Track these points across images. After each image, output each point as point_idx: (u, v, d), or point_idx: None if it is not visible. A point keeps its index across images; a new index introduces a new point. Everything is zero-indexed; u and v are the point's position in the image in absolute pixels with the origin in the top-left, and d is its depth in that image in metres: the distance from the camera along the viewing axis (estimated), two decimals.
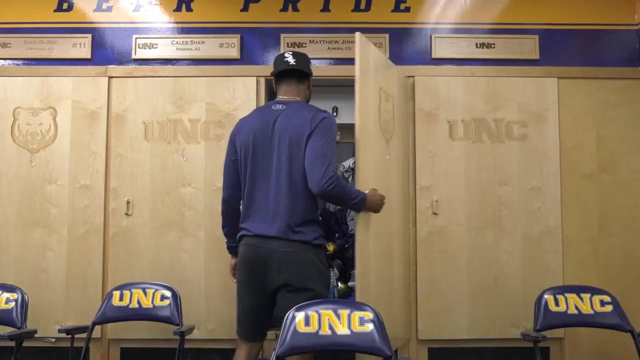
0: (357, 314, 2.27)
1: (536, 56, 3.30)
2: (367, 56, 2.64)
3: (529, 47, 3.31)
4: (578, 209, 3.17)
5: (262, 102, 3.20)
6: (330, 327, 2.25)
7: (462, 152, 3.17)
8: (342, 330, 2.24)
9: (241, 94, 3.19)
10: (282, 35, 3.30)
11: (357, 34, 2.54)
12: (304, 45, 3.29)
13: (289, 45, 3.29)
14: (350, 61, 3.25)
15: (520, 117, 3.19)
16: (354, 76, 2.51)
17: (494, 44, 3.32)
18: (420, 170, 3.15)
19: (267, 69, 3.24)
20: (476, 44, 3.32)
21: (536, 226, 3.14)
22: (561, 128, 3.20)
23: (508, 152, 3.18)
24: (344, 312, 2.28)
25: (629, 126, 3.24)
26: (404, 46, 3.32)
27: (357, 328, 2.25)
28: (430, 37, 3.32)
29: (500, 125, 3.19)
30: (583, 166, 3.21)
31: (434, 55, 3.30)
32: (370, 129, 2.61)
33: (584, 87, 3.24)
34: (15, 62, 3.32)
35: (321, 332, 2.25)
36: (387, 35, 3.31)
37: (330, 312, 2.28)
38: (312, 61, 3.26)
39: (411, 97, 3.20)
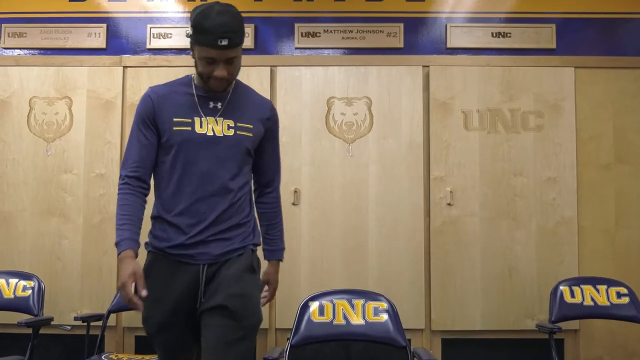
0: (372, 304, 2.29)
1: (553, 45, 3.26)
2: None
3: (546, 36, 3.27)
4: (594, 200, 3.14)
5: (277, 92, 3.19)
6: (345, 317, 2.26)
7: (477, 142, 3.14)
8: (357, 320, 2.26)
9: (255, 83, 3.16)
10: (297, 25, 3.29)
11: None
12: (318, 34, 3.27)
13: (303, 35, 3.28)
14: (365, 51, 3.27)
15: (536, 107, 3.16)
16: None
17: (509, 33, 3.28)
18: (434, 161, 3.13)
19: (281, 58, 3.26)
20: (492, 33, 3.28)
21: (551, 217, 3.11)
22: (578, 118, 3.16)
23: (523, 142, 3.14)
24: (359, 302, 2.29)
25: None
26: (419, 35, 3.29)
27: (372, 318, 2.26)
28: (445, 26, 3.28)
29: (516, 116, 3.16)
30: (600, 157, 3.17)
31: (449, 45, 3.27)
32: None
33: (602, 77, 3.20)
34: (31, 51, 3.34)
35: (335, 322, 2.26)
36: (401, 25, 3.28)
37: (345, 302, 2.29)
38: (325, 51, 3.29)
39: (425, 87, 3.18)
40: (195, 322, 1.74)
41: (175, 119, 1.79)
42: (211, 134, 1.79)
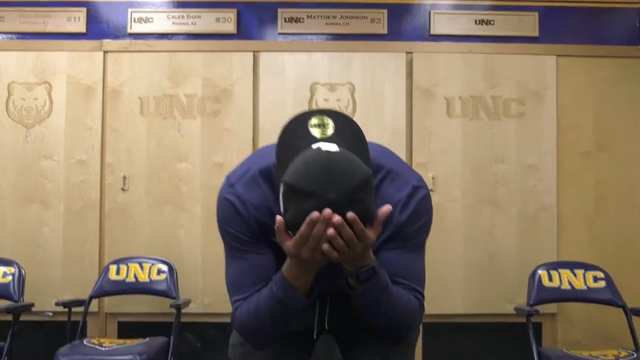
0: None
1: (536, 33, 3.27)
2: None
3: (529, 24, 3.28)
4: (574, 187, 3.18)
5: (259, 78, 3.17)
6: None
7: (459, 129, 3.16)
8: None
9: (238, 69, 3.16)
10: (280, 10, 3.26)
11: None
12: (301, 20, 3.25)
13: (287, 20, 3.25)
14: (349, 37, 3.25)
15: (518, 94, 3.18)
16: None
17: (493, 21, 3.29)
18: (416, 147, 3.15)
19: (264, 44, 3.24)
20: (475, 21, 3.29)
21: (532, 204, 3.14)
22: (559, 106, 3.19)
23: (505, 129, 3.17)
24: None
25: (628, 105, 3.23)
26: (403, 22, 3.28)
27: None
28: (429, 13, 3.28)
29: (498, 103, 3.18)
30: (580, 144, 3.20)
31: (432, 32, 3.27)
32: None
33: (584, 66, 3.22)
34: (9, 36, 3.28)
35: None
36: (385, 11, 3.27)
37: None
38: (309, 37, 3.27)
39: (409, 74, 3.18)
40: None
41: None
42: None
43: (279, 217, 1.10)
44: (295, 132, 1.16)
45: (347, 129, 1.15)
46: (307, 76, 3.17)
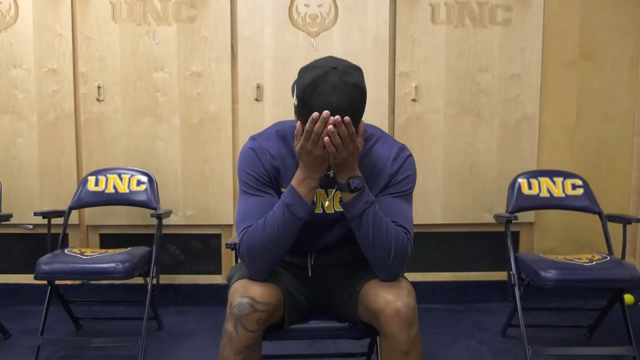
0: None
1: None
2: None
3: None
4: (557, 97, 3.16)
5: None
6: None
7: (443, 37, 3.07)
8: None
9: None
10: None
11: None
12: None
13: None
14: None
15: (505, 0, 3.08)
16: None
17: None
18: (399, 56, 3.07)
19: None
20: None
21: (514, 114, 3.12)
22: (546, 13, 3.11)
23: (490, 37, 3.09)
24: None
25: (615, 12, 3.15)
26: None
27: None
28: None
29: (484, 9, 3.08)
30: (565, 53, 3.15)
31: None
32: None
33: None
34: None
35: None
36: None
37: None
38: None
39: None
40: None
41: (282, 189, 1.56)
42: (320, 210, 1.57)
43: (297, 123, 1.41)
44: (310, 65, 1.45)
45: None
46: None
